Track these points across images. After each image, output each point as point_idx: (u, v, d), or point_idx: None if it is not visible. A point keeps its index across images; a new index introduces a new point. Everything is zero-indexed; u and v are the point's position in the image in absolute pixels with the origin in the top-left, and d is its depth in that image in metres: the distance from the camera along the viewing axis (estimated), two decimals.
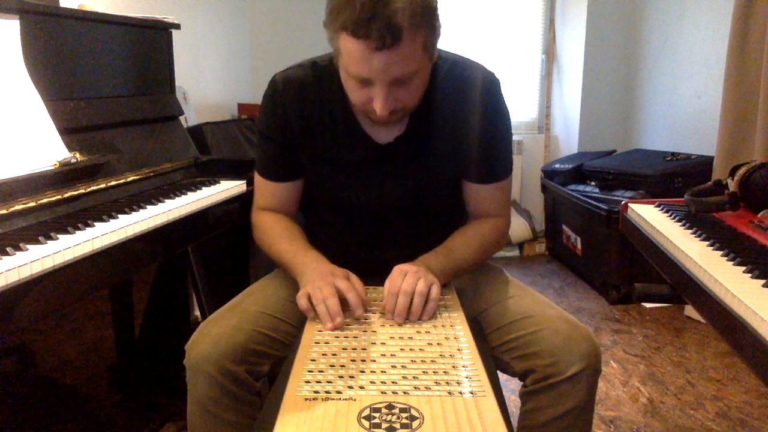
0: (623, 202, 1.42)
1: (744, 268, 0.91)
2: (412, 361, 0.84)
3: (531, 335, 1.01)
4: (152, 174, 1.50)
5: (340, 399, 0.74)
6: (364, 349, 0.87)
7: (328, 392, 0.76)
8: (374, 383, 0.78)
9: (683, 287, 1.02)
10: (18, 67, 1.22)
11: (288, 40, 3.38)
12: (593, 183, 3.09)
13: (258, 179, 1.22)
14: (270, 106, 1.14)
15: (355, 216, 1.19)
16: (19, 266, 0.88)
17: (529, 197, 3.78)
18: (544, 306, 1.07)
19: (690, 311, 2.63)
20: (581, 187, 3.10)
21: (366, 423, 0.69)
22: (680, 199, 1.35)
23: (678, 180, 2.72)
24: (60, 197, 1.19)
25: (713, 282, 0.89)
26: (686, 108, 3.06)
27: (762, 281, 0.86)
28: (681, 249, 1.04)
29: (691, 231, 1.14)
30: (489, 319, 1.10)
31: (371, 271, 1.09)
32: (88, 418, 1.62)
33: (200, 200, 1.40)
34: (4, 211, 1.06)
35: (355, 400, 0.74)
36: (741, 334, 0.78)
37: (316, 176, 1.18)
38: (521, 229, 3.58)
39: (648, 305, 2.76)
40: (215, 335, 0.99)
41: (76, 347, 1.57)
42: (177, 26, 1.77)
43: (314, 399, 0.74)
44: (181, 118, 1.80)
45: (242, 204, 1.55)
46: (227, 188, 1.53)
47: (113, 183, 1.35)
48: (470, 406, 0.73)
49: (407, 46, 0.92)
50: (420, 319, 0.97)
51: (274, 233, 1.16)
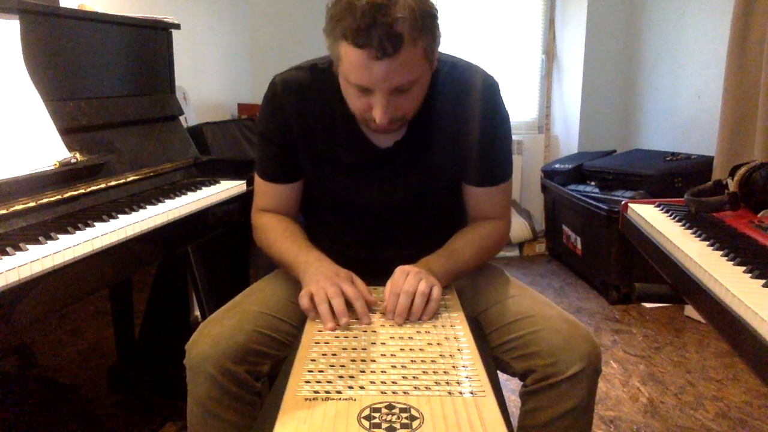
0: (623, 202, 1.42)
1: (744, 268, 0.91)
2: (412, 361, 0.84)
3: (531, 335, 1.01)
4: (152, 174, 1.50)
5: (340, 399, 0.74)
6: (364, 349, 0.87)
7: (328, 392, 0.76)
8: (374, 383, 0.78)
9: (683, 287, 1.02)
10: (18, 67, 1.22)
11: (288, 41, 3.38)
12: (593, 183, 3.09)
13: (258, 181, 1.22)
14: (270, 108, 1.14)
15: (356, 217, 1.19)
16: (19, 266, 0.89)
17: (529, 197, 3.78)
18: (544, 306, 1.07)
19: (690, 311, 2.63)
20: (581, 187, 3.10)
21: (366, 423, 0.69)
22: (680, 199, 1.36)
23: (678, 180, 2.72)
24: (60, 197, 1.19)
25: (713, 282, 0.89)
26: (686, 108, 3.06)
27: (762, 281, 0.86)
28: (681, 249, 1.04)
29: (691, 231, 1.14)
30: (489, 319, 1.10)
31: (371, 272, 1.08)
32: (88, 418, 1.62)
33: (200, 200, 1.40)
34: (4, 211, 1.06)
35: (355, 400, 0.74)
36: (741, 334, 0.78)
37: (316, 177, 1.18)
38: (521, 229, 3.58)
39: (648, 305, 2.76)
40: (215, 335, 0.98)
41: (76, 347, 1.57)
42: (177, 26, 1.77)
43: (314, 399, 0.74)
44: (181, 118, 1.80)
45: (242, 204, 1.55)
46: (227, 188, 1.53)
47: (113, 183, 1.35)
48: (470, 406, 0.73)
49: (408, 55, 0.92)
50: (421, 320, 0.97)
51: (276, 233, 1.16)
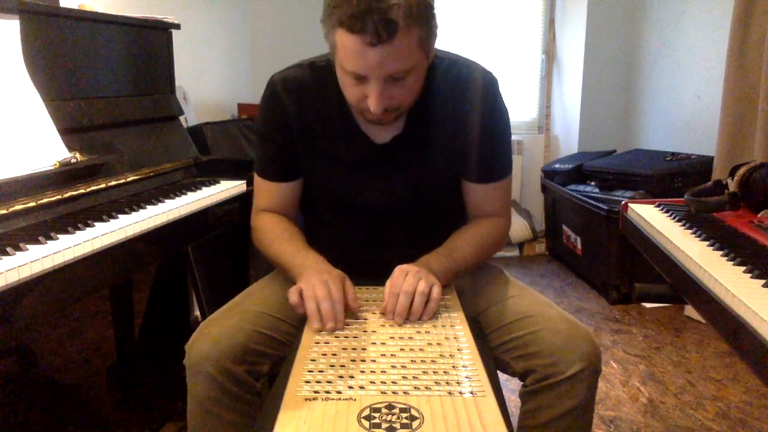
0: (623, 202, 1.41)
1: (744, 268, 0.91)
2: (412, 361, 0.84)
3: (531, 335, 1.01)
4: (152, 174, 1.50)
5: (340, 399, 0.74)
6: (364, 349, 0.87)
7: (328, 392, 0.76)
8: (374, 383, 0.78)
9: (683, 287, 1.02)
10: (18, 67, 1.22)
11: (288, 40, 3.38)
12: (593, 183, 3.09)
13: (257, 180, 1.22)
14: (268, 106, 1.14)
15: (355, 216, 1.19)
16: (19, 266, 0.89)
17: (529, 197, 3.78)
18: (544, 306, 1.07)
19: (690, 311, 2.63)
20: (581, 187, 3.10)
21: (366, 423, 0.69)
22: (680, 199, 1.35)
23: (678, 180, 2.72)
24: (60, 197, 1.19)
25: (713, 282, 0.89)
26: (686, 108, 3.06)
27: (762, 281, 0.86)
28: (681, 249, 1.04)
29: (691, 231, 1.14)
30: (489, 319, 1.10)
31: (371, 272, 1.09)
32: (88, 418, 1.62)
33: (200, 200, 1.40)
34: (4, 211, 1.06)
35: (355, 400, 0.74)
36: (741, 334, 0.78)
37: (316, 176, 1.18)
38: (521, 229, 3.58)
39: (648, 305, 2.76)
40: (215, 335, 0.98)
41: (76, 347, 1.57)
42: (177, 26, 1.77)
43: (314, 399, 0.74)
44: (181, 118, 1.80)
45: (242, 204, 1.55)
46: (227, 188, 1.53)
47: (113, 183, 1.35)
48: (470, 406, 0.73)
49: (402, 42, 0.92)
50: (420, 320, 0.96)
51: (274, 234, 1.15)
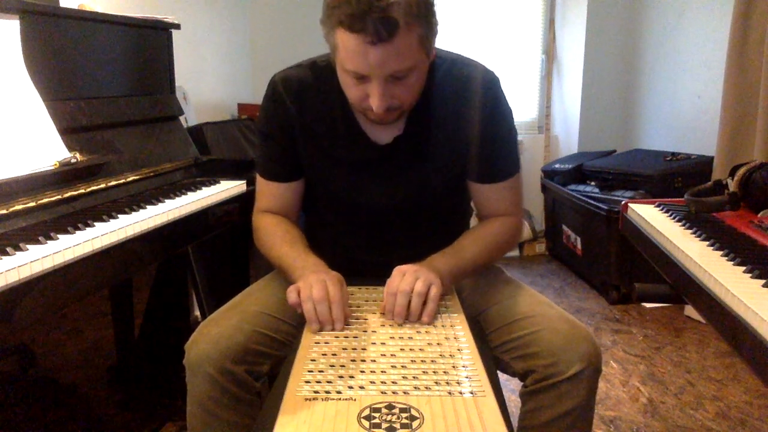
0: (623, 202, 1.41)
1: (744, 268, 0.91)
2: (412, 361, 0.84)
3: (531, 335, 1.01)
4: (152, 174, 1.50)
5: (340, 399, 0.74)
6: (364, 349, 0.87)
7: (328, 392, 0.76)
8: (374, 383, 0.78)
9: (683, 287, 1.02)
10: (18, 67, 1.22)
11: (288, 40, 3.38)
12: (593, 183, 3.09)
13: (259, 181, 1.21)
14: (270, 106, 1.14)
15: (356, 216, 1.19)
16: (19, 266, 0.89)
17: (529, 197, 3.77)
18: (544, 306, 1.07)
19: (690, 311, 2.63)
20: (581, 187, 3.10)
21: (366, 423, 0.69)
22: (680, 199, 1.35)
23: (678, 180, 2.72)
24: (60, 197, 1.19)
25: (713, 282, 0.89)
26: (686, 108, 3.06)
27: (762, 281, 0.86)
28: (681, 249, 1.04)
29: (691, 231, 1.14)
30: (489, 319, 1.10)
31: (372, 272, 1.08)
32: (88, 418, 1.62)
33: (200, 200, 1.40)
34: (4, 211, 1.06)
35: (355, 400, 0.74)
36: (741, 334, 0.78)
37: (317, 176, 1.18)
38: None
39: (648, 305, 2.76)
40: (215, 335, 0.98)
41: (76, 347, 1.57)
42: (177, 26, 1.77)
43: (314, 399, 0.74)
44: (181, 118, 1.80)
45: (242, 204, 1.55)
46: (227, 188, 1.53)
47: (113, 183, 1.35)
48: (470, 406, 0.73)
49: (403, 41, 0.92)
50: (420, 321, 0.96)
51: (275, 237, 1.15)
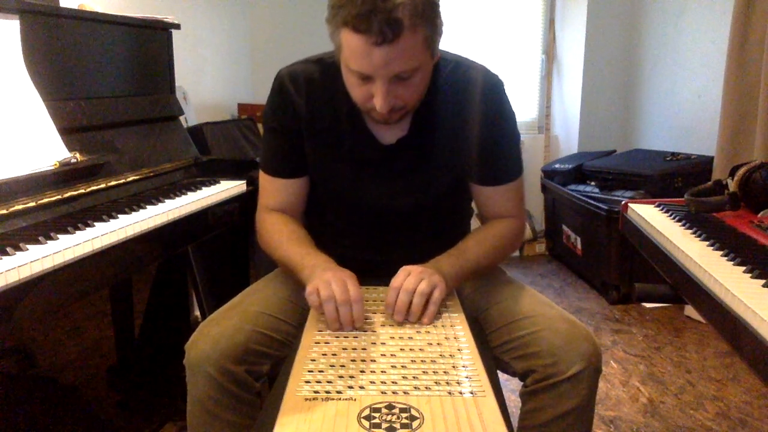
0: (623, 202, 1.42)
1: (744, 268, 0.91)
2: (412, 361, 0.84)
3: (531, 335, 1.01)
4: (152, 174, 1.50)
5: (340, 399, 0.74)
6: (364, 349, 0.87)
7: (328, 392, 0.76)
8: (374, 383, 0.78)
9: (683, 287, 1.02)
10: (18, 67, 1.22)
11: (288, 40, 3.38)
12: (593, 183, 3.09)
13: (263, 178, 1.20)
14: (277, 100, 1.13)
15: (357, 216, 1.19)
16: (19, 266, 0.89)
17: (529, 197, 3.77)
18: (545, 306, 1.07)
19: (690, 311, 2.63)
20: (581, 187, 3.10)
21: (366, 423, 0.69)
22: (680, 199, 1.36)
23: (678, 180, 2.72)
24: (60, 197, 1.19)
25: (713, 282, 0.89)
26: (686, 108, 3.06)
27: (762, 281, 0.86)
28: (681, 249, 1.04)
29: (691, 231, 1.14)
30: (489, 319, 1.10)
31: (373, 272, 1.08)
32: (88, 418, 1.62)
33: (200, 200, 1.40)
34: (4, 211, 1.06)
35: (355, 400, 0.74)
36: (741, 334, 0.78)
37: (320, 173, 1.17)
38: None
39: (648, 305, 2.76)
40: (215, 335, 0.98)
41: (76, 347, 1.57)
42: (177, 26, 1.77)
43: (314, 399, 0.74)
44: (181, 118, 1.80)
45: (242, 204, 1.55)
46: (227, 188, 1.53)
47: (113, 183, 1.35)
48: (470, 406, 0.73)
49: (408, 41, 0.92)
50: (420, 322, 0.96)
51: (282, 236, 1.13)
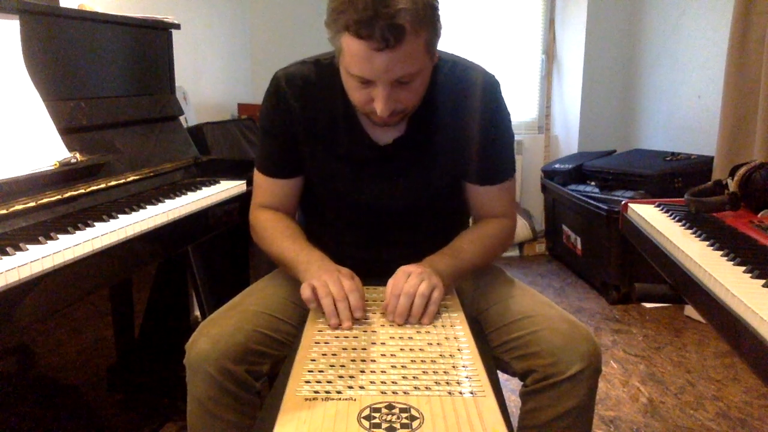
0: (623, 202, 1.41)
1: (744, 268, 0.91)
2: (412, 361, 0.84)
3: (531, 335, 1.01)
4: (152, 174, 1.50)
5: (340, 399, 0.74)
6: (364, 349, 0.87)
7: (328, 392, 0.76)
8: (374, 383, 0.78)
9: (683, 287, 1.02)
10: (18, 67, 1.22)
11: (288, 40, 3.38)
12: (593, 183, 3.09)
13: (258, 176, 1.21)
14: (273, 101, 1.14)
15: (355, 215, 1.19)
16: (19, 266, 0.89)
17: (529, 197, 3.78)
18: (545, 306, 1.07)
19: (690, 311, 2.63)
20: (581, 187, 3.10)
21: (366, 423, 0.69)
22: (680, 199, 1.36)
23: (678, 180, 2.72)
24: (60, 197, 1.19)
25: (713, 282, 0.89)
26: (686, 108, 3.06)
27: (762, 281, 0.86)
28: (681, 249, 1.04)
29: (691, 231, 1.14)
30: (489, 319, 1.10)
31: (371, 272, 1.08)
32: (88, 418, 1.62)
33: (200, 200, 1.40)
34: (4, 211, 1.06)
35: (355, 400, 0.74)
36: (741, 334, 0.78)
37: (317, 173, 1.18)
38: (521, 229, 3.57)
39: (648, 305, 2.76)
40: (215, 335, 0.98)
41: (76, 347, 1.57)
42: (177, 26, 1.77)
43: (314, 399, 0.74)
44: (181, 118, 1.80)
45: (242, 204, 1.55)
46: (227, 188, 1.53)
47: (113, 183, 1.35)
48: (470, 406, 0.73)
49: (409, 47, 0.92)
50: (420, 323, 0.96)
51: (276, 232, 1.15)
